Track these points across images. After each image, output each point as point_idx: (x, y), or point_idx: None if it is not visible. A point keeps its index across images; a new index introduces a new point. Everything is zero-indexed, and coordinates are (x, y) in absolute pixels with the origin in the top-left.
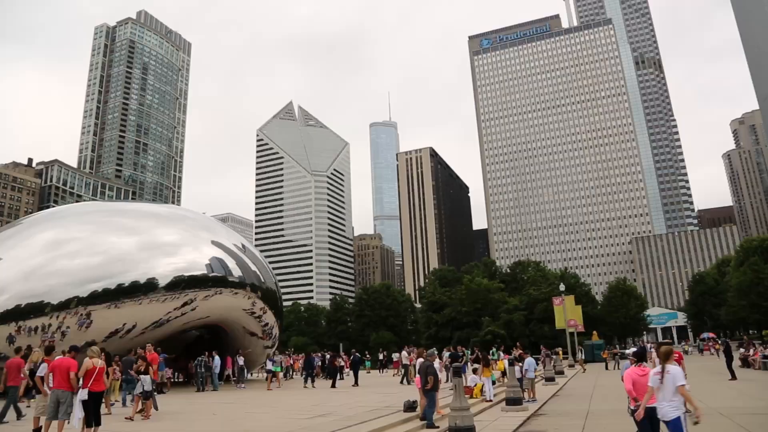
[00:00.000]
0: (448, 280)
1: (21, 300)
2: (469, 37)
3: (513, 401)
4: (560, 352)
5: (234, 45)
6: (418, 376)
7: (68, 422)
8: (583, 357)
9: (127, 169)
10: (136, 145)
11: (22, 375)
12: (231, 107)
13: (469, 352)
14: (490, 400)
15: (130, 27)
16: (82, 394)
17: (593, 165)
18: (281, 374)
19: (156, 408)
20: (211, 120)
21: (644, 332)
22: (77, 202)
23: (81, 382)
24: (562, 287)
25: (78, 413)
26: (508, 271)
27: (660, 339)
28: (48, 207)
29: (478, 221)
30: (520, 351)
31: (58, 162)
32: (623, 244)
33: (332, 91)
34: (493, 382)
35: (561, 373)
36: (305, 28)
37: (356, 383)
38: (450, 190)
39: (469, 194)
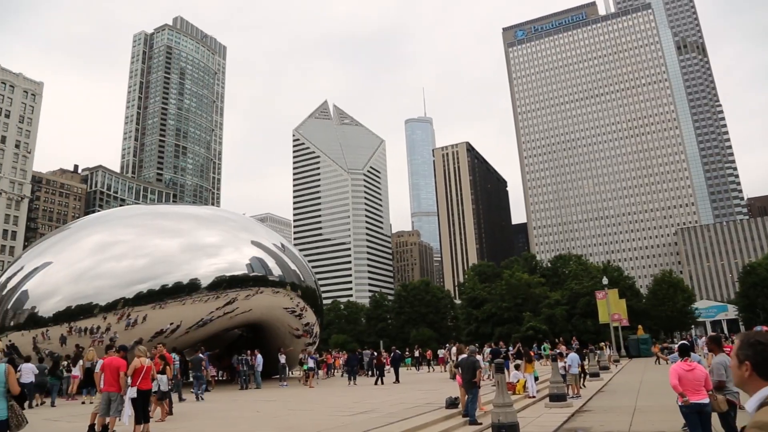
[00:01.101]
0: (487, 275)
1: (71, 302)
2: (503, 29)
3: (557, 397)
4: (604, 347)
5: (270, 46)
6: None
7: (119, 419)
8: (612, 352)
9: (168, 173)
10: (176, 148)
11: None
12: (268, 108)
13: (511, 347)
14: (533, 397)
15: (167, 33)
16: (132, 392)
17: (635, 155)
18: (319, 372)
19: (170, 412)
20: (248, 121)
21: (692, 326)
22: (121, 205)
23: (130, 380)
24: (605, 281)
25: (128, 410)
26: (549, 265)
27: (709, 332)
28: (93, 211)
29: (517, 215)
30: (564, 346)
31: (102, 167)
32: (668, 235)
33: (367, 89)
34: (536, 378)
35: (606, 368)
36: (340, 27)
37: (397, 380)
38: (488, 184)
39: (507, 188)
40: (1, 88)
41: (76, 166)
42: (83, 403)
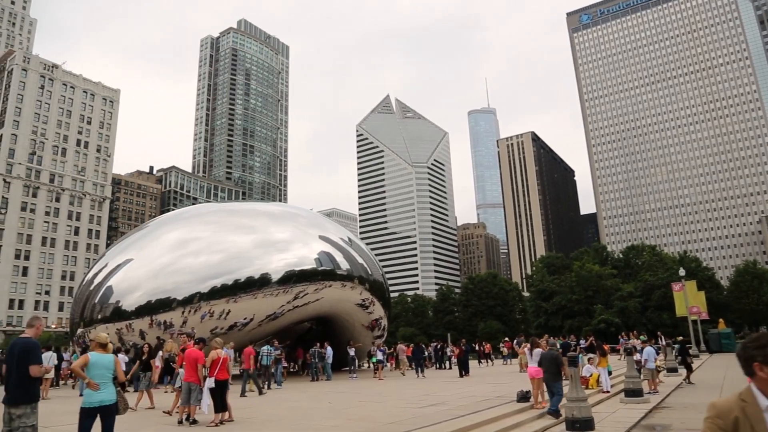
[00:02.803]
0: (556, 267)
1: (151, 296)
2: (567, 14)
3: (632, 392)
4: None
5: (334, 43)
6: (531, 365)
7: (199, 408)
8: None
9: (237, 171)
10: (244, 147)
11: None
12: (333, 104)
13: (582, 341)
14: (608, 391)
15: (232, 36)
16: (209, 383)
17: (712, 139)
18: (387, 364)
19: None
20: (313, 118)
21: None
22: (193, 204)
23: (208, 371)
24: (681, 272)
25: (206, 400)
26: (621, 256)
27: None
28: (168, 210)
29: (586, 206)
30: (638, 339)
31: (175, 168)
32: (751, 223)
33: (429, 82)
34: (609, 373)
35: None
36: (402, 21)
37: (467, 373)
38: (554, 174)
39: (575, 178)
40: (83, 96)
41: (151, 168)
42: (165, 392)
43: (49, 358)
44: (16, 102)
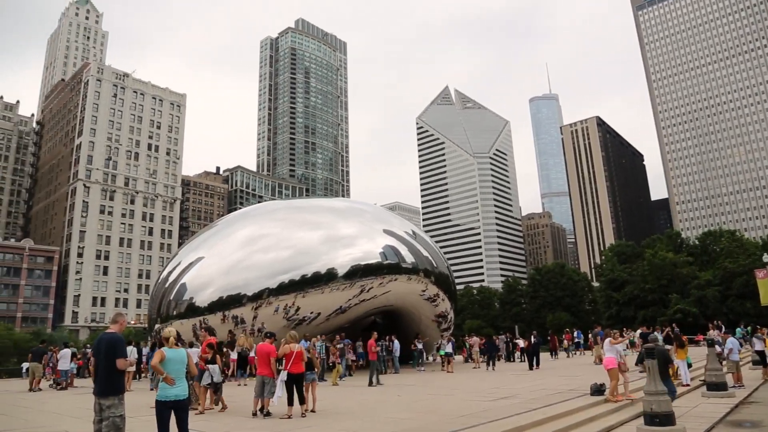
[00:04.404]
0: (627, 255)
1: (223, 293)
2: None
3: (715, 386)
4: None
5: (392, 36)
6: (607, 356)
7: (273, 401)
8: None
9: (299, 168)
10: (305, 145)
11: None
12: (393, 98)
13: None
14: (687, 384)
15: (290, 36)
16: (282, 376)
17: None
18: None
19: (219, 402)
20: (374, 112)
21: None
22: (259, 202)
23: (282, 364)
24: (766, 258)
25: (279, 392)
26: (697, 242)
27: None
28: (235, 209)
29: (657, 191)
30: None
31: (240, 167)
32: None
33: (488, 72)
34: (689, 365)
35: None
36: (459, 11)
37: (537, 365)
38: (622, 159)
39: (644, 162)
40: (152, 102)
41: (218, 168)
42: (239, 385)
43: (130, 352)
44: (92, 111)
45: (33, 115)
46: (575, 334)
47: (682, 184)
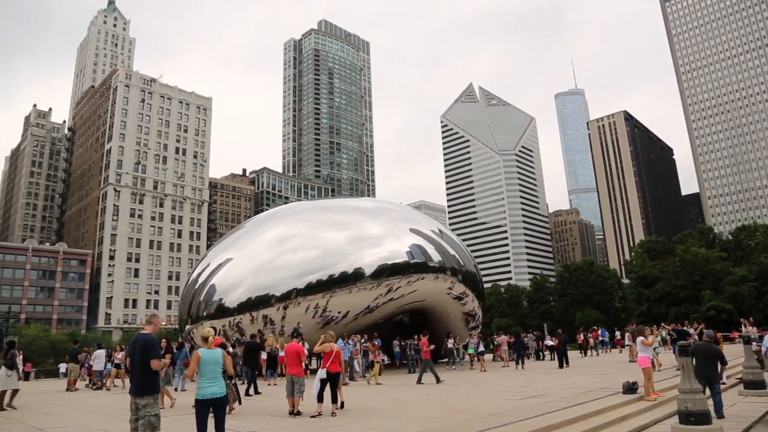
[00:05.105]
0: (657, 251)
1: (252, 293)
2: None
3: (752, 384)
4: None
5: (416, 35)
6: (641, 355)
7: (302, 399)
8: None
9: (325, 169)
10: (330, 145)
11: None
12: (417, 96)
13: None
14: (724, 383)
15: (314, 37)
16: (321, 374)
17: None
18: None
19: (240, 402)
20: (399, 112)
21: None
22: (285, 203)
23: (321, 362)
24: None
25: (316, 390)
26: (730, 237)
27: None
28: (262, 210)
29: (688, 185)
30: (754, 327)
31: (266, 169)
32: None
33: (512, 69)
34: (725, 363)
35: None
36: (482, 8)
37: (567, 364)
38: (651, 154)
39: (674, 157)
40: (179, 106)
41: (244, 170)
42: (269, 384)
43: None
44: (121, 116)
45: (65, 121)
46: (600, 332)
47: (713, 177)
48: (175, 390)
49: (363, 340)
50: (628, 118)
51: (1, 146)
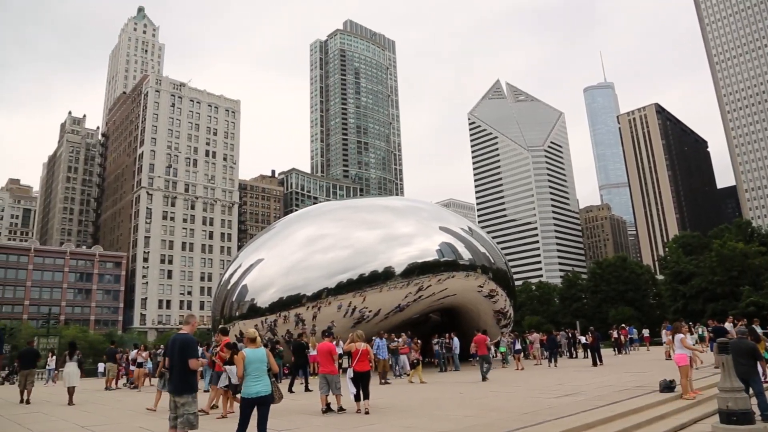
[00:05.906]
0: (692, 247)
1: (283, 293)
2: None
3: None
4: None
5: (442, 32)
6: (678, 353)
7: (341, 395)
8: None
9: (353, 169)
10: (358, 145)
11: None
12: (445, 94)
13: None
14: (766, 381)
15: (339, 37)
16: (349, 373)
17: None
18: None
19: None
20: (427, 110)
21: None
22: (314, 203)
23: (349, 362)
24: None
25: (350, 389)
26: None
27: None
28: (291, 211)
29: (723, 178)
30: None
31: (295, 170)
32: None
33: (539, 63)
34: (767, 360)
35: None
36: (509, 4)
37: (600, 362)
38: (684, 147)
39: (708, 149)
40: (208, 110)
41: (273, 171)
42: (300, 384)
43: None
44: (152, 121)
45: (98, 127)
46: (628, 330)
47: (750, 170)
48: (205, 391)
49: (408, 340)
50: (660, 110)
51: (39, 153)
